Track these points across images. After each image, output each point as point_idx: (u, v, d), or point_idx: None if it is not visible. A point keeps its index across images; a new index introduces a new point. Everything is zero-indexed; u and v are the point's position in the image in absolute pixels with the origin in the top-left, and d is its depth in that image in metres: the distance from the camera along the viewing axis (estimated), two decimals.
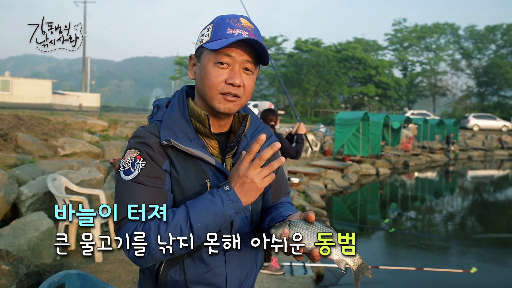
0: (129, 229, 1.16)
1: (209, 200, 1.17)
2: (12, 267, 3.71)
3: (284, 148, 4.64)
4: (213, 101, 1.26)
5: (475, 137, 31.21)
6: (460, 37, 57.75)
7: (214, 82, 1.24)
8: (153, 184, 1.22)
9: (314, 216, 1.16)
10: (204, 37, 1.28)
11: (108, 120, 11.59)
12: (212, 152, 1.33)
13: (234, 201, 1.16)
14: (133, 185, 1.21)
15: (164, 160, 1.25)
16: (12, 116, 8.28)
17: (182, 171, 1.26)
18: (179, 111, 1.32)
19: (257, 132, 1.41)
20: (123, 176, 1.22)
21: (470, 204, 12.84)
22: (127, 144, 1.29)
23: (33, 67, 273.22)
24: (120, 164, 1.26)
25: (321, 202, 9.79)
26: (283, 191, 1.53)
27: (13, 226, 4.62)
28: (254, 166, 1.15)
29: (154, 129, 1.29)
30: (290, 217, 1.24)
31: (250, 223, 1.36)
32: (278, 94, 49.43)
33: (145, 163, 1.22)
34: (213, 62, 1.24)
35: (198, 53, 1.30)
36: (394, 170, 18.00)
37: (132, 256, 1.17)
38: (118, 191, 1.24)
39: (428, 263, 6.35)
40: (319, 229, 1.14)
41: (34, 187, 5.23)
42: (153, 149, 1.24)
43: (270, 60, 4.60)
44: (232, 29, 1.24)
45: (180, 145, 1.24)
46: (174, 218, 1.15)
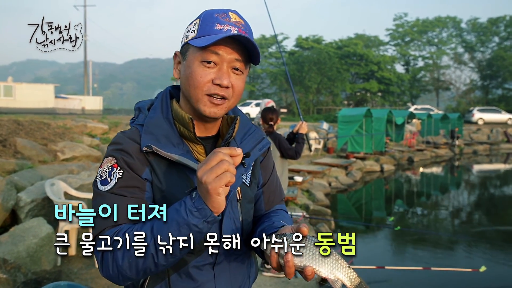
0: (101, 245, 1.07)
1: (175, 210, 1.03)
2: (10, 275, 3.65)
3: (283, 148, 4.57)
4: (199, 103, 1.17)
5: (480, 131, 31.04)
6: (463, 30, 57.46)
7: (200, 82, 1.14)
8: (131, 195, 1.12)
9: (307, 229, 1.05)
10: (190, 33, 1.18)
11: (108, 123, 11.54)
12: (198, 158, 1.22)
13: (200, 209, 1.00)
14: (110, 196, 1.11)
15: (144, 168, 1.15)
16: (12, 122, 8.23)
17: (165, 179, 1.17)
18: (162, 114, 1.22)
19: (248, 135, 1.31)
20: (100, 186, 1.14)
21: (477, 200, 12.69)
22: (106, 151, 1.20)
23: (36, 72, 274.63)
24: (97, 173, 1.17)
25: (325, 201, 9.71)
26: (277, 198, 1.41)
27: (11, 233, 4.56)
28: (212, 171, 0.98)
29: (135, 134, 1.19)
30: (282, 229, 1.13)
31: (241, 233, 1.26)
32: (280, 92, 49.35)
33: (122, 172, 1.13)
34: (199, 60, 1.14)
35: (184, 50, 1.20)
36: (398, 166, 17.88)
37: (105, 274, 1.07)
38: (94, 203, 1.14)
39: (435, 262, 6.24)
40: (312, 244, 1.03)
41: (32, 193, 5.17)
42: (131, 157, 1.14)
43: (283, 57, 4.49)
44: (220, 24, 1.14)
45: (162, 152, 1.14)
46: (141, 230, 1.04)
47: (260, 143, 1.32)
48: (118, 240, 1.04)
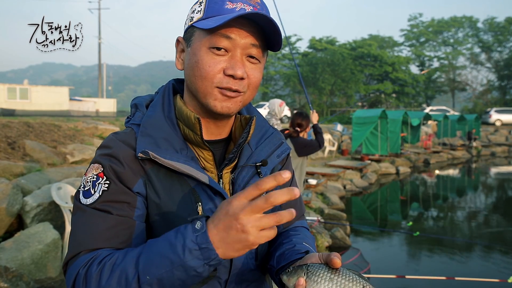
0: (74, 271, 0.86)
1: (169, 242, 0.79)
2: (11, 284, 3.50)
3: (307, 146, 4.62)
4: (208, 97, 0.95)
5: (498, 132, 30.51)
6: (479, 30, 56.59)
7: (208, 73, 0.93)
8: (117, 212, 0.90)
9: (339, 261, 0.82)
10: (195, 14, 0.97)
11: (120, 125, 11.45)
12: (204, 165, 1.01)
13: (202, 248, 0.76)
14: (90, 212, 0.90)
15: (137, 179, 0.94)
16: (22, 124, 8.15)
17: (164, 193, 0.95)
18: (162, 113, 1.01)
19: (264, 138, 1.09)
20: (82, 199, 0.92)
21: (498, 204, 12.26)
22: (94, 155, 0.99)
23: (52, 75, 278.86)
24: (81, 182, 0.96)
25: (340, 204, 9.48)
26: (297, 213, 1.15)
27: (16, 238, 4.43)
28: (254, 208, 0.72)
29: (129, 136, 0.98)
30: (308, 258, 0.90)
31: (255, 257, 1.03)
32: (294, 94, 49.16)
33: (108, 184, 0.91)
34: (207, 46, 0.93)
35: (188, 35, 0.99)
36: (414, 168, 17.51)
37: None
38: (73, 219, 0.93)
39: (458, 271, 5.93)
40: (347, 280, 0.81)
41: (39, 197, 5.03)
42: (122, 164, 0.93)
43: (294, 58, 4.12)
44: (232, 2, 0.93)
45: (161, 159, 0.92)
46: (122, 262, 0.82)
47: (279, 148, 1.10)
48: (94, 269, 0.83)
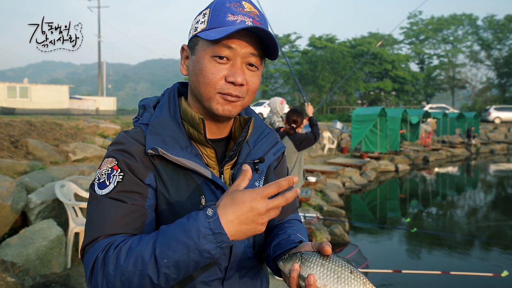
0: (92, 255, 0.95)
1: (182, 227, 0.88)
2: (18, 279, 3.59)
3: (304, 140, 4.70)
4: (211, 101, 1.06)
5: (497, 130, 30.58)
6: (479, 28, 56.57)
7: (212, 80, 1.03)
8: (131, 202, 1.00)
9: (330, 248, 0.93)
10: (199, 24, 1.07)
11: (121, 123, 11.53)
12: (207, 162, 1.11)
13: (216, 233, 0.86)
14: (106, 201, 0.99)
15: (148, 173, 1.04)
16: (24, 123, 8.24)
17: (172, 186, 1.05)
18: (169, 113, 1.11)
19: (261, 138, 1.20)
20: (97, 190, 1.02)
21: (496, 201, 12.37)
22: (106, 151, 1.08)
23: (52, 73, 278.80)
24: (96, 175, 1.05)
25: (339, 201, 9.57)
26: (290, 207, 1.29)
27: (21, 235, 4.53)
28: (267, 191, 0.89)
29: (139, 134, 1.08)
30: (301, 246, 1.02)
31: (253, 246, 1.14)
32: (293, 92, 49.18)
33: (122, 175, 1.01)
34: (210, 55, 1.03)
35: (192, 43, 1.09)
36: (413, 166, 17.61)
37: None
38: (89, 208, 1.02)
39: (454, 266, 6.03)
40: (337, 265, 0.91)
41: (42, 194, 5.12)
42: (134, 159, 1.03)
43: (285, 57, 4.26)
44: (233, 15, 1.02)
45: (169, 155, 1.02)
46: (138, 246, 0.90)
47: (275, 147, 1.21)
48: (111, 253, 0.92)
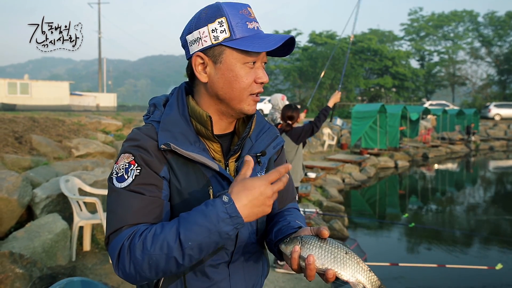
0: (118, 243, 1.06)
1: (202, 213, 1.00)
2: (26, 270, 3.69)
3: (303, 132, 4.67)
4: (242, 103, 1.17)
5: (496, 127, 30.59)
6: (480, 24, 56.49)
7: (247, 84, 1.15)
8: (149, 193, 1.10)
9: (327, 232, 1.05)
10: (220, 33, 1.11)
11: (122, 120, 11.62)
12: (214, 156, 1.21)
13: (233, 216, 0.99)
14: (126, 194, 1.09)
15: (162, 166, 1.14)
16: (27, 119, 8.34)
17: (183, 178, 1.15)
18: (178, 111, 1.20)
19: (263, 132, 1.30)
20: (116, 183, 1.11)
21: (493, 196, 12.48)
22: (122, 147, 1.18)
23: (52, 70, 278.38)
24: (113, 169, 1.15)
25: (338, 197, 9.66)
26: (290, 196, 1.40)
27: (27, 228, 4.63)
28: (271, 177, 1.04)
29: (151, 130, 1.17)
30: (301, 231, 1.12)
31: (256, 232, 1.26)
32: (294, 89, 49.20)
33: (140, 169, 1.11)
34: (242, 62, 1.14)
35: (214, 52, 1.14)
36: (413, 162, 17.68)
37: (121, 273, 1.06)
38: (110, 200, 1.12)
39: (450, 259, 6.15)
40: (333, 247, 1.03)
41: (47, 189, 5.23)
42: (149, 154, 1.13)
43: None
44: (250, 22, 1.14)
45: (180, 150, 1.12)
46: (162, 232, 1.01)
47: (275, 141, 1.31)
48: (137, 240, 1.03)
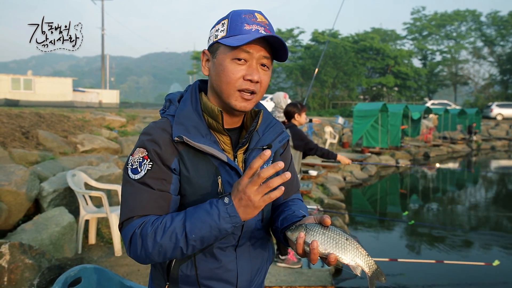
0: (130, 230, 1.20)
1: (206, 211, 1.14)
2: (35, 261, 3.79)
3: (305, 143, 4.71)
4: (230, 98, 1.26)
5: (498, 127, 30.54)
6: (482, 24, 56.36)
7: (232, 78, 1.23)
8: (158, 187, 1.22)
9: (330, 220, 1.15)
10: (219, 32, 1.27)
11: (126, 116, 11.72)
12: (223, 148, 1.32)
13: (232, 216, 1.12)
14: (138, 186, 1.22)
15: (173, 158, 1.24)
16: (34, 114, 8.45)
17: (192, 168, 1.25)
18: (191, 106, 1.31)
19: (269, 127, 1.40)
20: (130, 174, 1.24)
21: (493, 195, 12.54)
22: (138, 140, 1.29)
23: (54, 66, 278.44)
24: (128, 161, 1.26)
25: (339, 195, 9.71)
26: (294, 188, 1.51)
27: (35, 221, 4.73)
28: (253, 183, 1.07)
29: (166, 124, 1.28)
30: (305, 219, 1.23)
31: (261, 219, 1.37)
32: (296, 87, 49.22)
33: (151, 164, 1.22)
34: (231, 58, 1.23)
35: (213, 49, 1.29)
36: (414, 161, 17.72)
37: (132, 255, 1.22)
38: (124, 189, 1.25)
39: (449, 256, 6.24)
40: (335, 234, 1.15)
41: (54, 183, 5.33)
42: (161, 147, 1.24)
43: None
44: (248, 24, 1.23)
45: (192, 142, 1.23)
46: (171, 225, 1.16)
47: (280, 135, 1.41)
48: (149, 230, 1.16)
